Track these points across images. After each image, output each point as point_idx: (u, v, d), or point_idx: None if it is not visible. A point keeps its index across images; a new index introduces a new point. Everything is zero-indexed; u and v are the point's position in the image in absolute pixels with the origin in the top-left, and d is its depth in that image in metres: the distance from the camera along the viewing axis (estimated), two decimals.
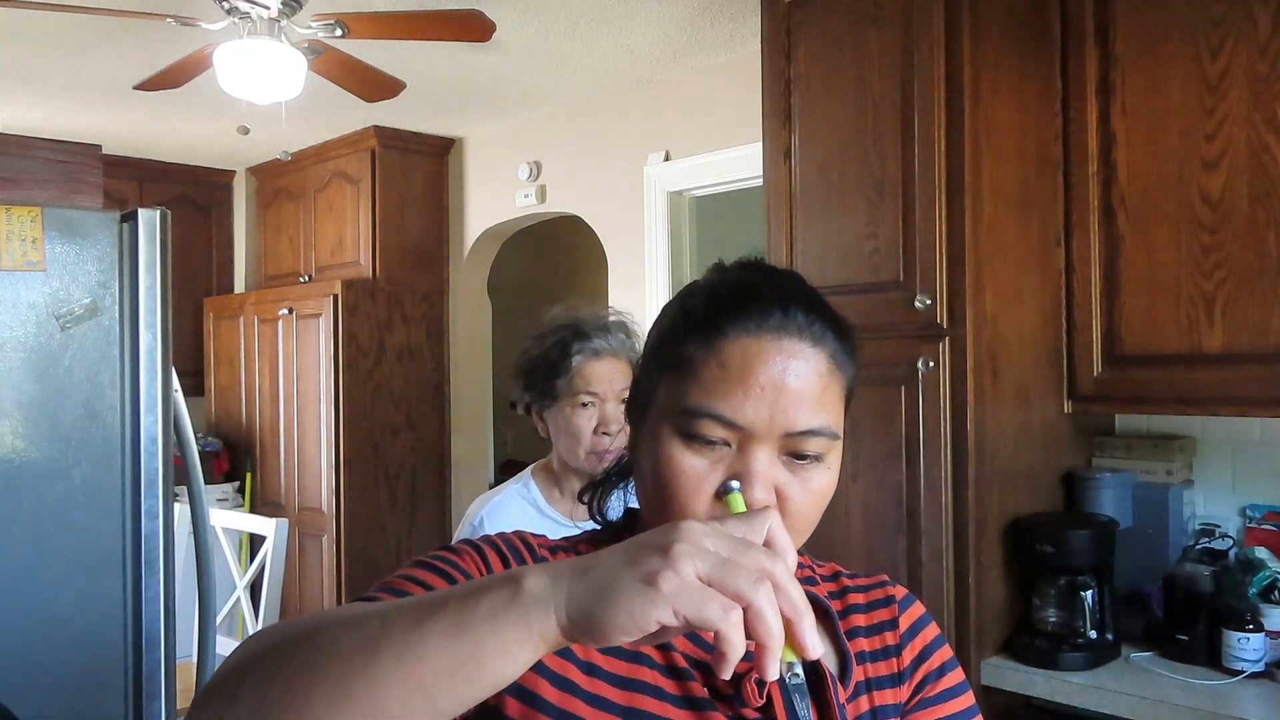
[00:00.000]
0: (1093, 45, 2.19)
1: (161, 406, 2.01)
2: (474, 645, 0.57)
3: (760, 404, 0.76)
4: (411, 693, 0.56)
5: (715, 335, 0.79)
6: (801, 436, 0.77)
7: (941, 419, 2.07)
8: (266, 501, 4.71)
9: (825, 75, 2.31)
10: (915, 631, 0.90)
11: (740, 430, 0.76)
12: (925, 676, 0.88)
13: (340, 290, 4.35)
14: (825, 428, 0.78)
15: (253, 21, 2.69)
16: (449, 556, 0.80)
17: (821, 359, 0.79)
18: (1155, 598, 2.15)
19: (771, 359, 0.77)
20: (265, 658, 0.60)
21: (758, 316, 0.78)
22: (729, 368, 0.77)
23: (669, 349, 0.82)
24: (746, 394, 0.76)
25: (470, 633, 0.57)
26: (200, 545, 2.16)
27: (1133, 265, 2.13)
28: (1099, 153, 2.19)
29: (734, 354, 0.77)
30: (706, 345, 0.79)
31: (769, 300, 0.79)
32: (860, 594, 0.91)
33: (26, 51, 3.35)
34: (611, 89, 3.88)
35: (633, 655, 0.79)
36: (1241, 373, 1.98)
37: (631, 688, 0.78)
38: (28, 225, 1.93)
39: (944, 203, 2.08)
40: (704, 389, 0.77)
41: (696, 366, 0.78)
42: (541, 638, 0.57)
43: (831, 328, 0.81)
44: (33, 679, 1.88)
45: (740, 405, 0.76)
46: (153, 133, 4.46)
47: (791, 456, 0.78)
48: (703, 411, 0.77)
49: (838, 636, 0.87)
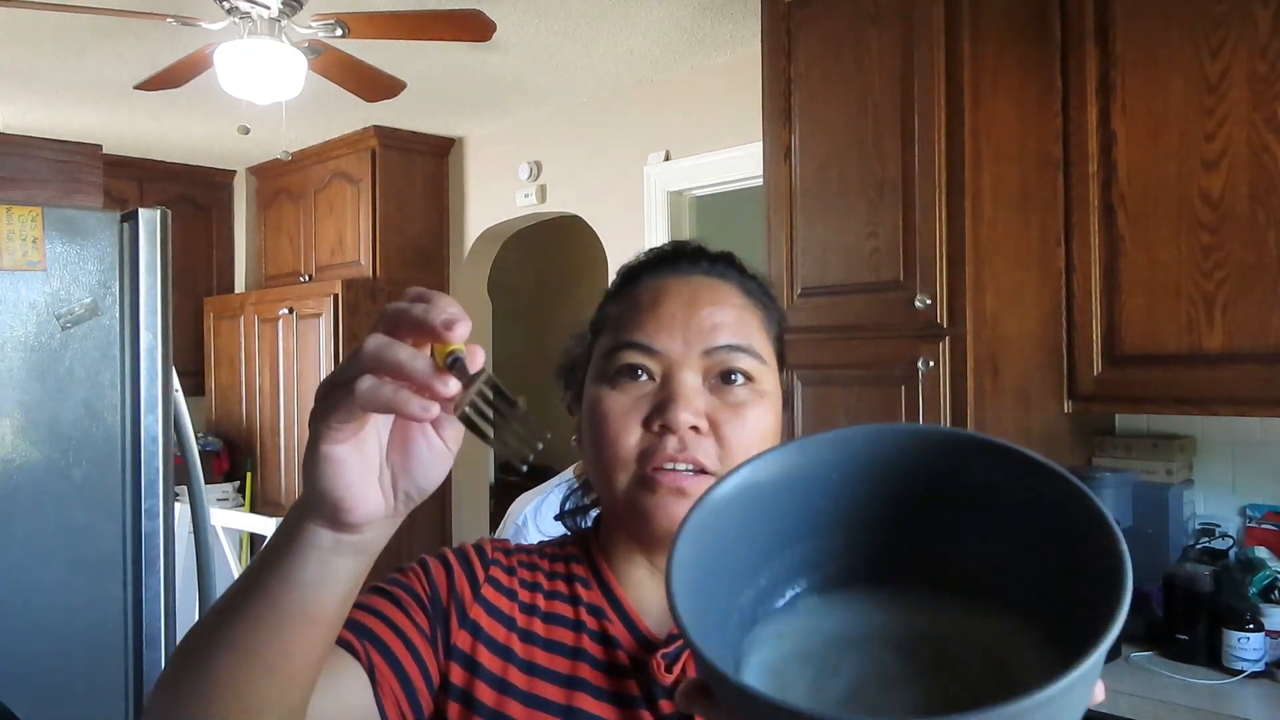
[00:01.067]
0: (1093, 45, 2.19)
1: (162, 406, 2.01)
2: (263, 583, 0.57)
3: (674, 328, 0.78)
4: (240, 657, 0.57)
5: (631, 285, 0.83)
6: (721, 352, 0.77)
7: (942, 419, 2.07)
8: (267, 501, 4.71)
9: (825, 75, 2.31)
10: None
11: (658, 355, 0.77)
12: None
13: (340, 290, 4.34)
14: (746, 344, 0.78)
15: (253, 21, 2.69)
16: (397, 577, 0.81)
17: (732, 289, 0.81)
18: (1155, 597, 2.15)
19: (681, 290, 0.80)
20: (174, 669, 0.62)
21: (669, 265, 0.83)
22: (641, 302, 0.80)
23: (594, 322, 0.86)
24: (659, 321, 0.78)
25: (259, 575, 0.57)
26: (200, 545, 2.16)
27: (1133, 265, 2.13)
28: (1099, 152, 2.19)
29: (645, 293, 0.81)
30: (623, 296, 0.83)
31: (678, 254, 0.84)
32: None
33: (27, 51, 3.35)
34: (612, 89, 3.88)
35: (575, 652, 0.79)
36: (1241, 372, 1.98)
37: (574, 685, 0.77)
38: (28, 225, 1.93)
39: (944, 203, 2.08)
40: (621, 328, 0.80)
41: (616, 316, 0.82)
42: (309, 543, 0.56)
43: (740, 272, 0.84)
44: (33, 678, 1.88)
45: (654, 331, 0.78)
46: (153, 132, 4.46)
47: (719, 380, 0.77)
48: (621, 343, 0.78)
49: None
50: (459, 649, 0.78)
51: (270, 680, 0.58)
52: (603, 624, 0.80)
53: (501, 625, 0.79)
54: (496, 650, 0.78)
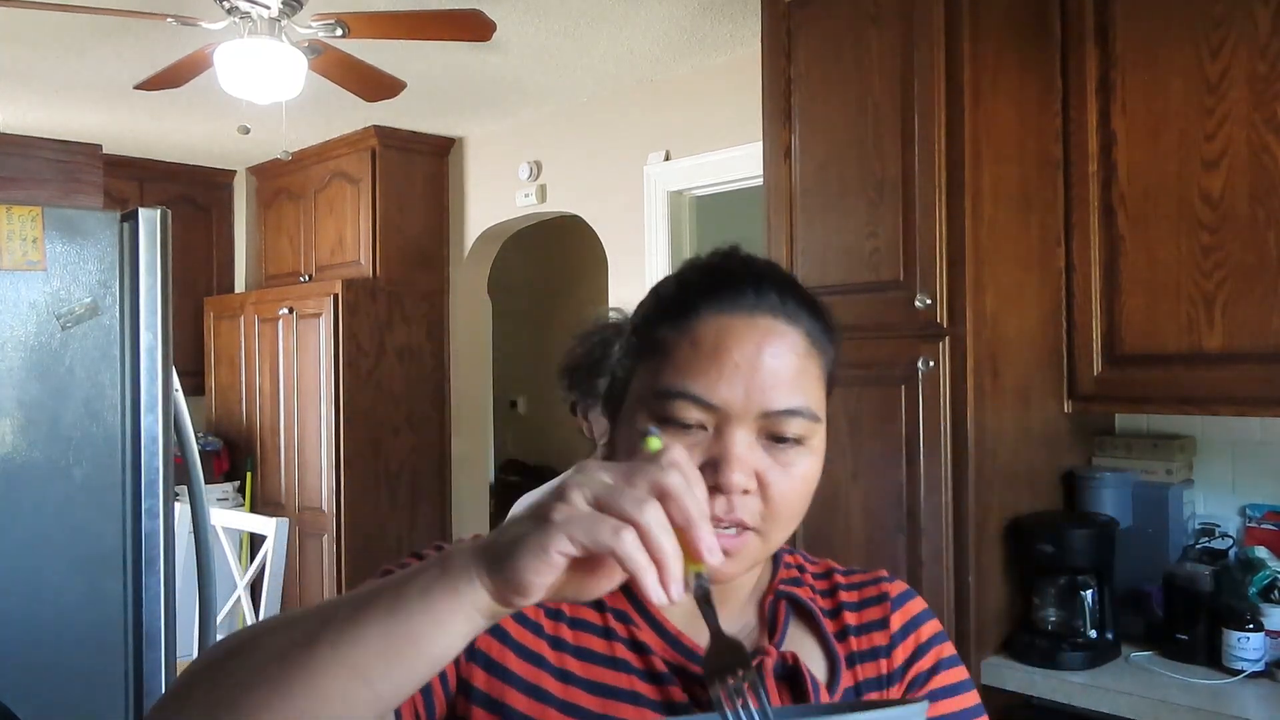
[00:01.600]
0: (1093, 45, 2.19)
1: (162, 406, 2.01)
2: (408, 624, 0.57)
3: (735, 382, 0.73)
4: (350, 680, 0.56)
5: (688, 315, 0.77)
6: (779, 416, 0.74)
7: (941, 419, 2.07)
8: (267, 501, 4.71)
9: (825, 75, 2.31)
10: (909, 630, 0.86)
11: (715, 410, 0.74)
12: (917, 676, 0.84)
13: (340, 290, 4.35)
14: (804, 408, 0.75)
15: (253, 21, 2.69)
16: (407, 563, 0.80)
17: (798, 337, 0.77)
18: (1155, 597, 2.15)
19: (746, 335, 0.75)
20: (212, 667, 0.61)
21: (730, 295, 0.76)
22: (702, 346, 0.75)
23: (642, 336, 0.80)
24: (720, 372, 0.74)
25: (404, 612, 0.57)
26: (201, 544, 2.16)
27: (1133, 265, 2.13)
28: (1099, 152, 2.19)
29: (707, 332, 0.75)
30: (679, 326, 0.77)
31: (741, 279, 0.77)
32: (853, 591, 0.88)
33: (27, 51, 3.35)
34: (612, 88, 3.88)
35: (610, 661, 0.77)
36: (1241, 372, 1.98)
37: (607, 694, 0.76)
38: (28, 225, 1.93)
39: (944, 203, 2.08)
40: (677, 370, 0.75)
41: (669, 348, 0.76)
42: (473, 606, 0.57)
43: (806, 307, 0.79)
44: (33, 678, 1.88)
45: (714, 384, 0.74)
46: (153, 132, 4.46)
47: (771, 440, 0.75)
48: (675, 391, 0.74)
49: (825, 639, 0.84)
50: (482, 652, 0.76)
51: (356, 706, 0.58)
52: (630, 630, 0.79)
53: (529, 631, 0.78)
54: (527, 656, 0.77)
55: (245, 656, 0.59)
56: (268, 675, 0.57)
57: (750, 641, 0.82)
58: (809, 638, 0.84)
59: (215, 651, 0.62)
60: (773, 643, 0.81)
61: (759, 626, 0.84)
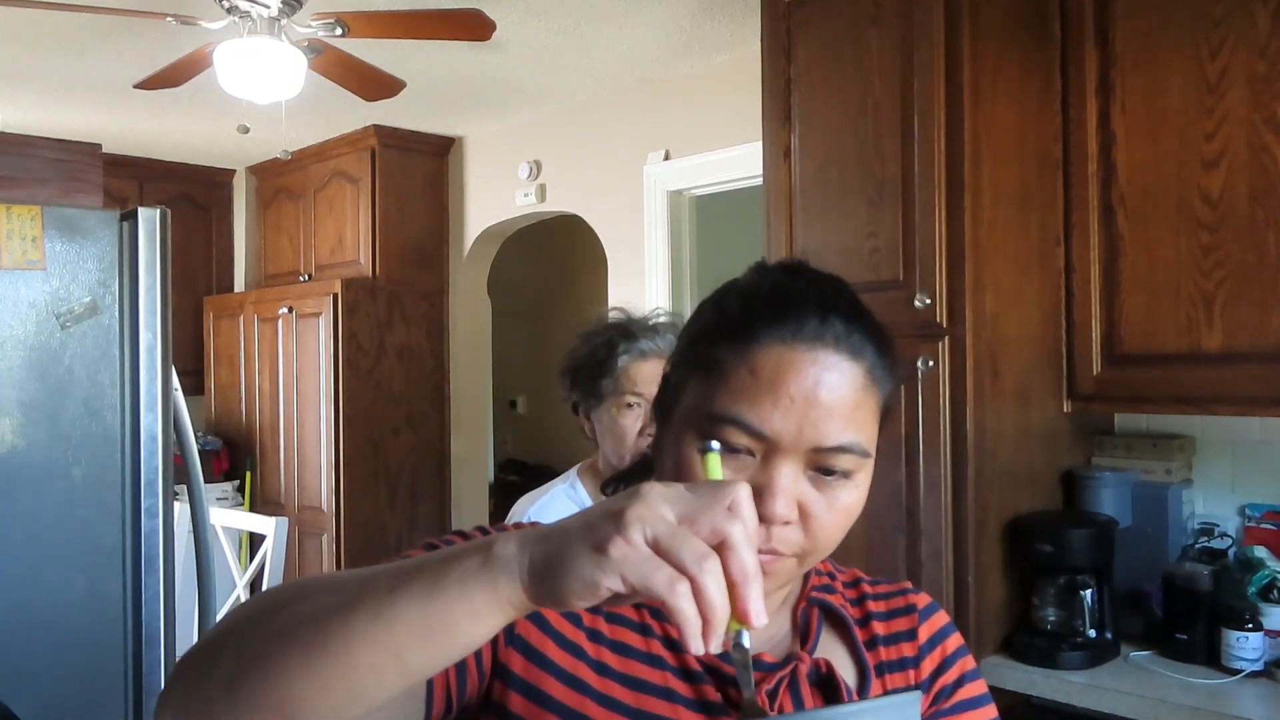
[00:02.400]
0: (1092, 45, 2.19)
1: (161, 405, 2.01)
2: (445, 608, 0.57)
3: (789, 416, 0.73)
4: (384, 653, 0.57)
5: (748, 340, 0.75)
6: (830, 453, 0.74)
7: (941, 418, 2.07)
8: (266, 500, 4.71)
9: (825, 75, 2.31)
10: (935, 643, 0.87)
11: (766, 441, 0.73)
12: (942, 689, 0.85)
13: (340, 289, 4.34)
14: (855, 444, 0.75)
15: (253, 20, 2.68)
16: (453, 540, 0.79)
17: (858, 372, 0.75)
18: (1154, 597, 2.15)
19: (805, 370, 0.74)
20: (247, 621, 0.62)
21: (794, 323, 0.75)
22: (760, 375, 0.74)
23: (700, 349, 0.79)
24: (775, 404, 0.73)
25: (442, 596, 0.57)
26: (200, 544, 2.16)
27: (1132, 265, 2.13)
28: (1099, 152, 2.19)
29: (766, 361, 0.74)
30: (738, 350, 0.75)
31: (807, 307, 0.76)
32: (880, 602, 0.89)
33: (26, 50, 3.35)
34: (611, 88, 3.88)
35: (646, 657, 0.78)
36: (1241, 372, 1.98)
37: (641, 689, 0.76)
38: (28, 224, 1.93)
39: (944, 202, 2.08)
40: (732, 395, 0.74)
41: (726, 371, 0.75)
42: (509, 602, 0.57)
43: (871, 339, 0.77)
44: (32, 677, 1.88)
45: (768, 415, 0.73)
46: (153, 132, 4.46)
47: (818, 471, 0.75)
48: (729, 418, 0.74)
49: (855, 647, 0.84)
50: (521, 638, 0.76)
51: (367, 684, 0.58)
52: (665, 627, 0.79)
53: (568, 621, 0.78)
54: (566, 646, 0.77)
55: (281, 615, 0.60)
56: (300, 638, 0.58)
57: (783, 649, 0.83)
58: (840, 646, 0.85)
59: (253, 606, 0.63)
60: (805, 649, 0.82)
61: (791, 633, 0.84)
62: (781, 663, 0.79)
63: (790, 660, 0.79)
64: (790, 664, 0.79)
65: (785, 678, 0.78)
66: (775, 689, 0.78)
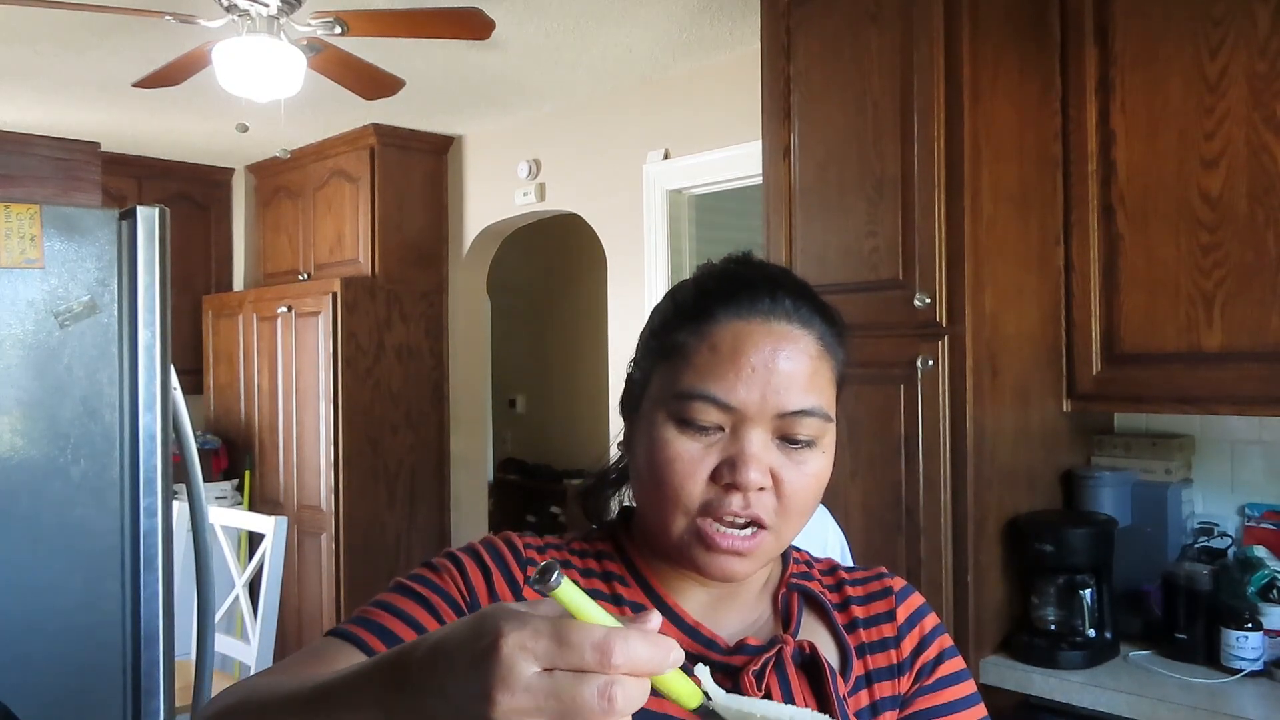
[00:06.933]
0: (1092, 45, 2.19)
1: (160, 404, 2.00)
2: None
3: (752, 385, 0.78)
4: None
5: (706, 320, 0.81)
6: (794, 417, 0.78)
7: (941, 418, 2.07)
8: (265, 499, 4.71)
9: (825, 75, 2.31)
10: (914, 622, 0.90)
11: (733, 411, 0.78)
12: (923, 666, 0.88)
13: (339, 288, 4.34)
14: (817, 408, 0.79)
15: (252, 19, 2.68)
16: (427, 576, 0.81)
17: (810, 340, 0.81)
18: (1154, 596, 2.15)
19: (762, 341, 0.79)
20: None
21: (747, 301, 0.80)
22: (720, 350, 0.79)
23: (660, 339, 0.84)
24: (738, 375, 0.78)
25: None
26: (199, 543, 2.16)
27: (1132, 264, 2.13)
28: (1098, 152, 2.19)
29: (724, 337, 0.79)
30: (697, 331, 0.80)
31: (757, 285, 0.82)
32: (858, 586, 0.92)
33: (26, 49, 3.35)
34: (611, 87, 3.87)
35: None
36: (1241, 371, 1.98)
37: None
38: (26, 223, 1.93)
39: (944, 202, 2.08)
40: (697, 372, 0.79)
41: (689, 352, 0.80)
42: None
43: (819, 312, 0.83)
44: (31, 676, 1.88)
45: (732, 386, 0.78)
46: (152, 130, 4.45)
47: (785, 440, 0.79)
48: (696, 393, 0.78)
49: (836, 630, 0.87)
50: None
51: None
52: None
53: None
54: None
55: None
56: None
57: (767, 632, 0.86)
58: (821, 629, 0.88)
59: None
60: (788, 633, 0.85)
61: (774, 618, 0.88)
62: (766, 645, 0.82)
63: (775, 643, 0.82)
64: (775, 647, 0.81)
65: (771, 660, 0.80)
66: (761, 671, 0.80)
